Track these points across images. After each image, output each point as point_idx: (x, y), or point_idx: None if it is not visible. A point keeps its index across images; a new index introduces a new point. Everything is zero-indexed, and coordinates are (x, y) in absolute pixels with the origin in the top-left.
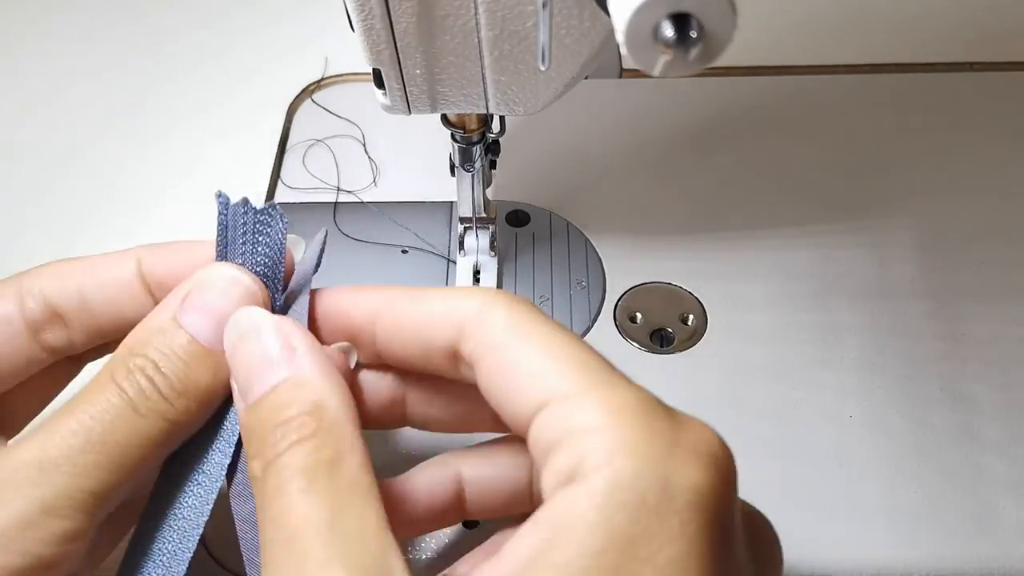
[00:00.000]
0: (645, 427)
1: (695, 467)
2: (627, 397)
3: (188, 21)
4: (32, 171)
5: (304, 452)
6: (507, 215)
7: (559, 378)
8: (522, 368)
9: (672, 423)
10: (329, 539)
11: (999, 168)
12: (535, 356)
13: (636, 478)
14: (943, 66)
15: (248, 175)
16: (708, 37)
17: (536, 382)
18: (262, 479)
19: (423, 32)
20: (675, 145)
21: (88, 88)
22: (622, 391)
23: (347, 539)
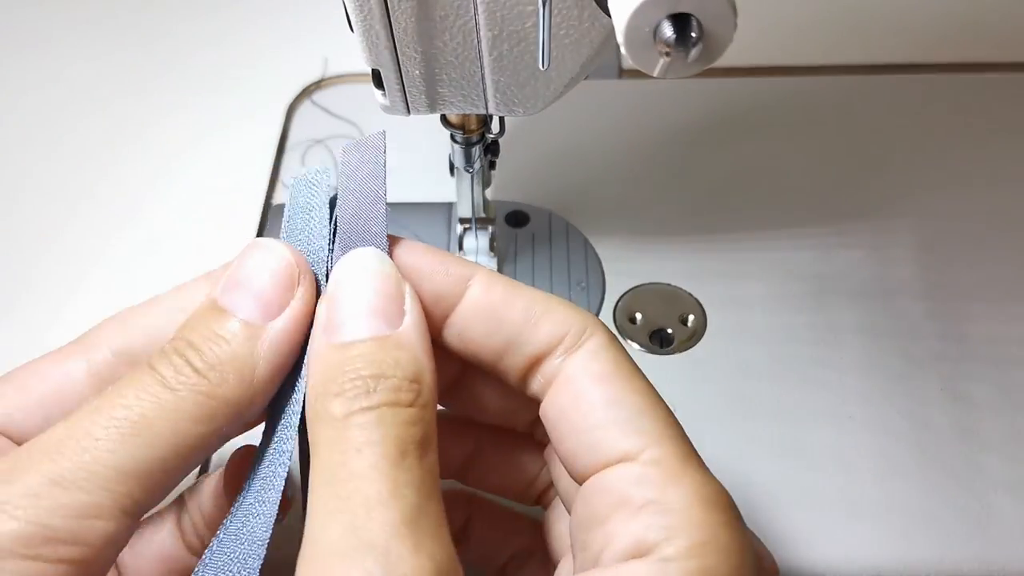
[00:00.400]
0: (733, 529)
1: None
2: (719, 492)
3: (187, 22)
4: (32, 171)
5: (400, 419)
6: (507, 215)
7: (648, 439)
8: (611, 411)
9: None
10: (414, 529)
11: (999, 168)
12: (626, 403)
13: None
14: (943, 67)
15: (247, 175)
16: (708, 38)
17: (622, 432)
18: (343, 423)
19: (422, 32)
20: (675, 146)
21: (87, 88)
22: (712, 484)
23: (431, 534)
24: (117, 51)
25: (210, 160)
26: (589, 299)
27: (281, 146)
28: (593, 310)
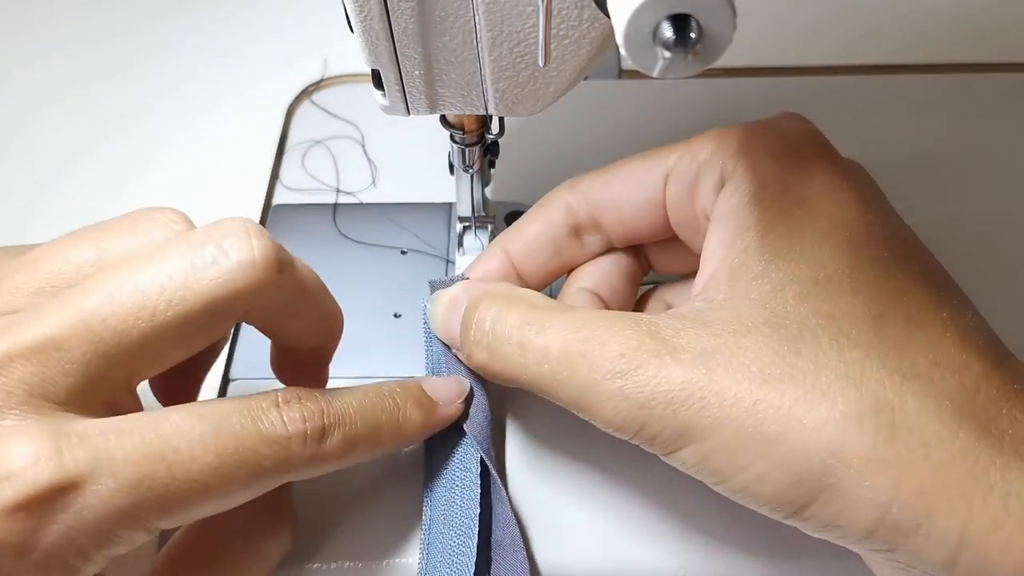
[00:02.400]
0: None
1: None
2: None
3: (186, 22)
4: (31, 172)
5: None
6: (506, 215)
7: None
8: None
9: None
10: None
11: (999, 168)
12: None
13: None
14: (943, 67)
15: (247, 176)
16: (708, 38)
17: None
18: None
19: (422, 33)
20: None
21: (86, 89)
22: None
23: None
24: (117, 51)
25: (210, 160)
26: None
27: (281, 146)
28: None
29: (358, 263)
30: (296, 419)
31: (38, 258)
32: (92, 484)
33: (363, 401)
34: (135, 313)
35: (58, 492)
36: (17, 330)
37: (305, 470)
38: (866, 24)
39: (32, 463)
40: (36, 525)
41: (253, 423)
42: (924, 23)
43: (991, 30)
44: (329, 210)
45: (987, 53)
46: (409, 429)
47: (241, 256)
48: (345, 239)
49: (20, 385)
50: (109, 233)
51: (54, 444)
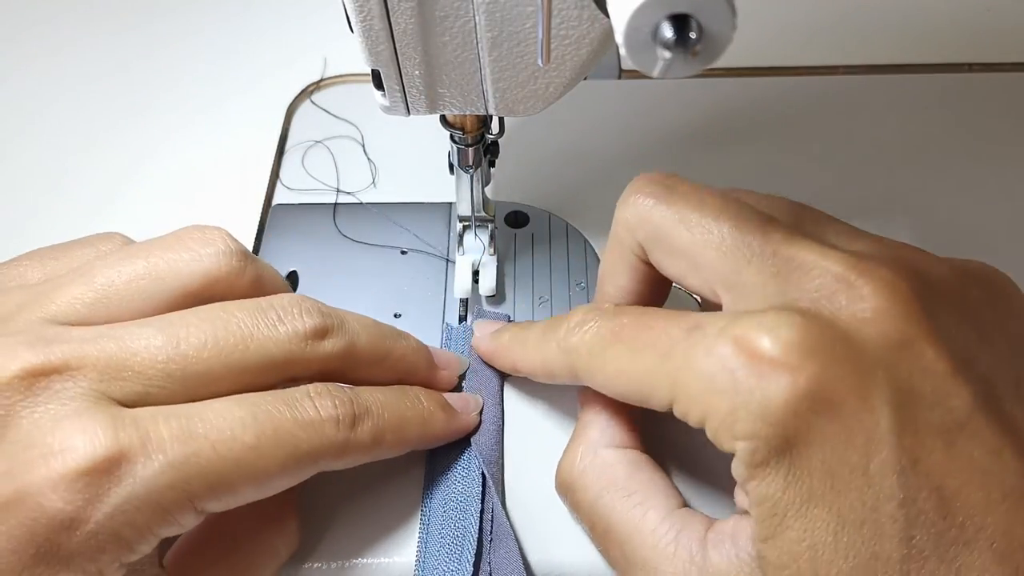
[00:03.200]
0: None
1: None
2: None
3: (186, 23)
4: (32, 171)
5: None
6: (506, 216)
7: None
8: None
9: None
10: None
11: (998, 169)
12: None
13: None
14: (942, 67)
15: (247, 176)
16: (707, 38)
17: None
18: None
19: (422, 33)
20: (674, 146)
21: (86, 90)
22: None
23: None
24: (117, 51)
25: (210, 160)
26: (589, 299)
27: (281, 146)
28: None
29: (358, 263)
30: (328, 406)
31: (91, 271)
32: (143, 459)
33: (389, 396)
34: (207, 349)
35: (111, 464)
36: (93, 341)
37: (338, 456)
38: (866, 24)
39: (88, 438)
40: (90, 497)
41: (288, 409)
42: (924, 23)
43: (991, 30)
44: (329, 210)
45: (987, 53)
46: (434, 427)
47: (296, 326)
48: (345, 239)
49: (87, 384)
50: (157, 249)
51: (109, 422)
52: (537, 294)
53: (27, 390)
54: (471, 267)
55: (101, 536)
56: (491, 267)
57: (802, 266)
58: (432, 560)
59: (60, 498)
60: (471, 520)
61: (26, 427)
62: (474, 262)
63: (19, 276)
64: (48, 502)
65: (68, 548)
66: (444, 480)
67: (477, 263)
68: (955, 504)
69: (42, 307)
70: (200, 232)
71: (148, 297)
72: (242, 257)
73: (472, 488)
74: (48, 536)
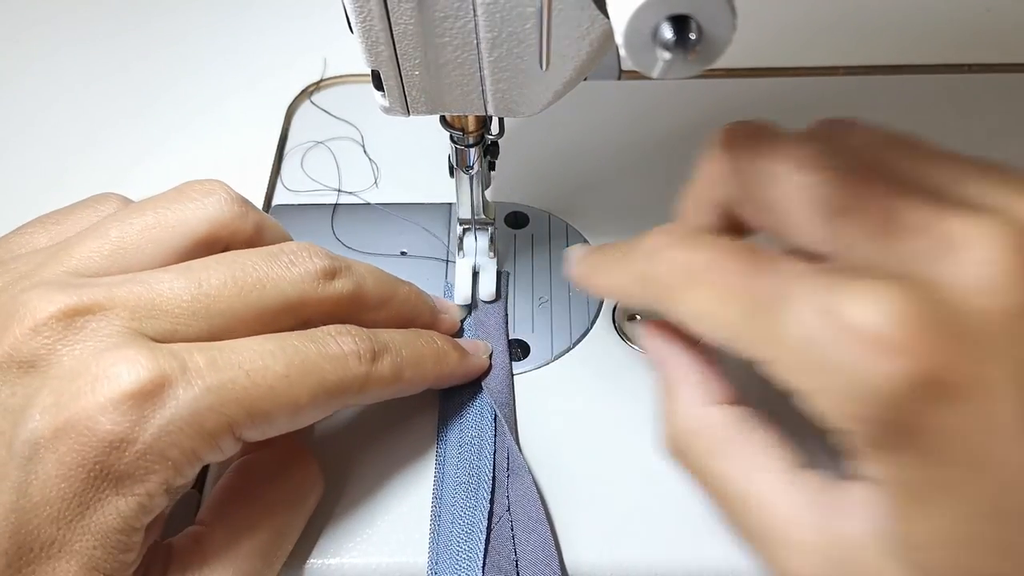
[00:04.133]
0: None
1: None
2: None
3: (186, 23)
4: (33, 170)
5: None
6: (506, 216)
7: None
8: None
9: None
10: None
11: None
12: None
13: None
14: (941, 67)
15: (247, 177)
16: (707, 39)
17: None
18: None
19: (422, 34)
20: (675, 146)
21: (86, 90)
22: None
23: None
24: (116, 52)
25: (210, 161)
26: (588, 300)
27: (281, 147)
28: (593, 310)
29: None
30: (348, 342)
31: (103, 226)
32: (184, 384)
33: (405, 335)
34: (228, 288)
35: (156, 387)
36: (120, 284)
37: (361, 389)
38: (866, 25)
39: (131, 366)
40: (137, 418)
41: (313, 343)
42: (924, 24)
43: (990, 31)
44: (329, 211)
45: (986, 54)
46: (450, 364)
47: (308, 267)
48: (345, 240)
49: (119, 320)
50: (163, 201)
51: (148, 352)
52: (537, 294)
53: (65, 329)
54: (471, 269)
55: (149, 456)
56: (491, 270)
57: (908, 226)
58: (449, 498)
59: (109, 420)
60: (486, 457)
61: (68, 363)
62: (474, 264)
63: (27, 243)
64: (98, 424)
65: (118, 469)
66: (457, 423)
67: (476, 265)
68: None
69: (62, 263)
70: (200, 184)
71: (161, 246)
72: (243, 204)
73: (485, 429)
74: (98, 458)
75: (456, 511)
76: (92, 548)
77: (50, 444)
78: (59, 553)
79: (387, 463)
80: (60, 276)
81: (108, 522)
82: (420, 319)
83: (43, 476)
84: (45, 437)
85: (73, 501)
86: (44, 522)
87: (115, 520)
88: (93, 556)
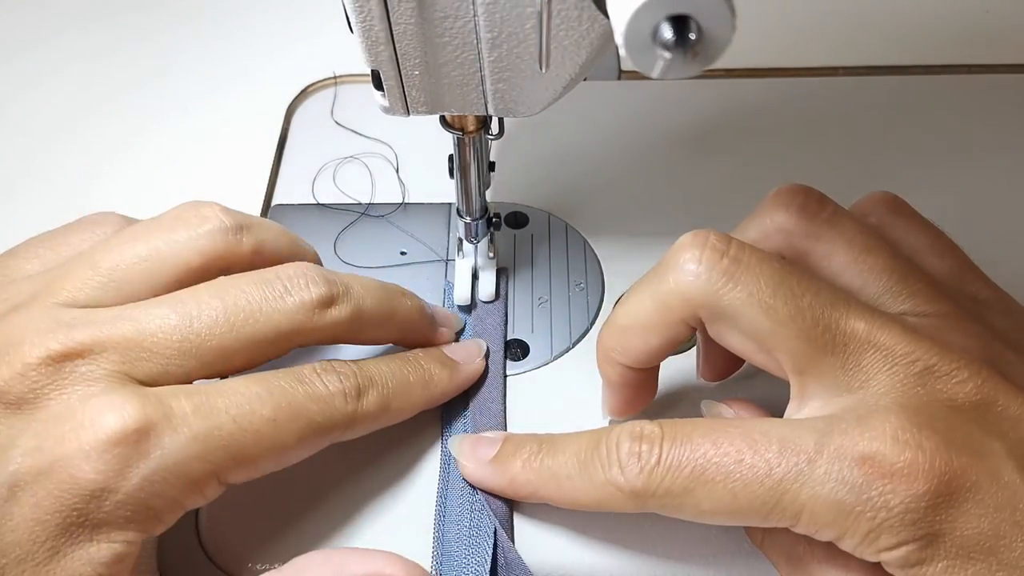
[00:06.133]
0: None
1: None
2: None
3: (187, 22)
4: (30, 171)
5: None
6: (506, 216)
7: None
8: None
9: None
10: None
11: (997, 170)
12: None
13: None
14: (941, 68)
15: (246, 177)
16: (707, 39)
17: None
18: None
19: (422, 34)
20: (674, 147)
21: (87, 90)
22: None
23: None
24: (116, 52)
25: (210, 161)
26: (588, 300)
27: (281, 146)
28: (592, 311)
29: (358, 264)
30: (334, 380)
31: (94, 257)
32: (170, 432)
33: (390, 364)
34: (219, 324)
35: (140, 436)
36: (110, 323)
37: (348, 427)
38: (866, 26)
39: (117, 413)
40: (120, 467)
41: (299, 384)
42: (923, 25)
43: (990, 32)
44: (329, 211)
45: (986, 54)
46: (438, 385)
47: (303, 296)
48: (345, 240)
49: (108, 364)
50: (156, 230)
51: (135, 399)
52: (537, 295)
53: (55, 374)
54: (470, 269)
55: (129, 506)
56: (490, 271)
57: (889, 354)
58: (454, 500)
59: (92, 468)
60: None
61: (55, 407)
62: (473, 264)
63: (18, 268)
64: (80, 472)
65: (96, 518)
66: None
67: (476, 265)
68: None
69: (54, 294)
70: (195, 209)
71: (152, 277)
72: (238, 230)
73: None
74: (77, 506)
75: (462, 511)
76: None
77: (29, 487)
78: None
79: (387, 462)
80: (51, 311)
81: (76, 568)
82: (417, 334)
83: (18, 518)
84: (25, 480)
85: (44, 544)
86: (11, 563)
87: (84, 567)
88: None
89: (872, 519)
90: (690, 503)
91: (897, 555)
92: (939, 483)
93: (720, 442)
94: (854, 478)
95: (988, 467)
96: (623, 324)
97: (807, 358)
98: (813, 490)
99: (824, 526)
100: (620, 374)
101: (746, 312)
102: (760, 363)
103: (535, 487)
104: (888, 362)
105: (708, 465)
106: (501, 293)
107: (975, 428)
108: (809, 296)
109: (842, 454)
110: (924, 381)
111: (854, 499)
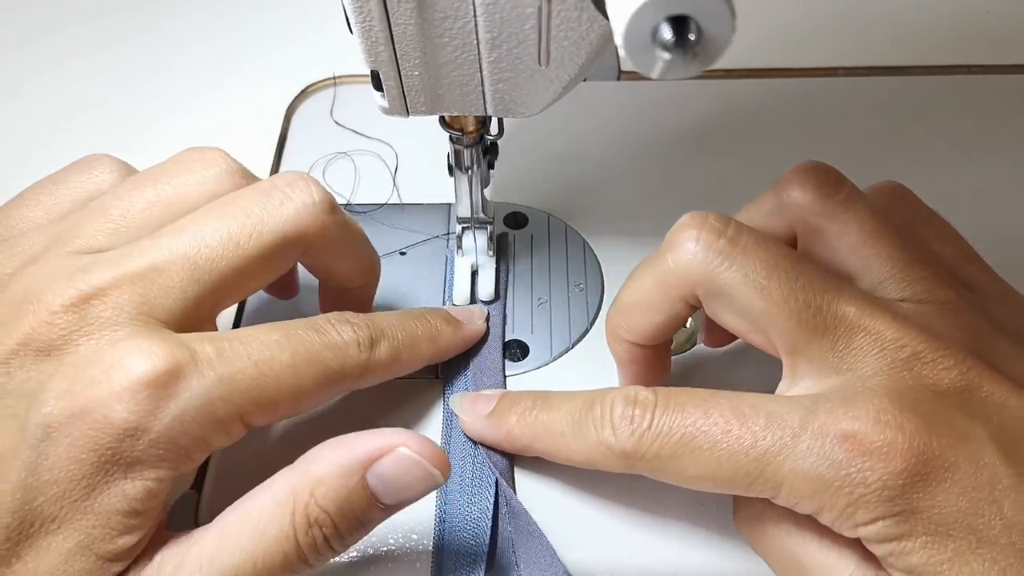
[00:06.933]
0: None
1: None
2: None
3: (187, 22)
4: (30, 170)
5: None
6: (505, 217)
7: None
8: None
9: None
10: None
11: (997, 170)
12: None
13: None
14: (941, 69)
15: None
16: (707, 40)
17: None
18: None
19: (422, 34)
20: (674, 147)
21: (84, 88)
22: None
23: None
24: (116, 52)
25: None
26: (587, 300)
27: (281, 146)
28: (592, 311)
29: None
30: (347, 331)
31: (104, 204)
32: (195, 374)
33: (399, 318)
34: (224, 244)
35: (170, 377)
36: (122, 261)
37: (361, 375)
38: (866, 26)
39: (146, 356)
40: (150, 408)
41: (316, 332)
42: (923, 25)
43: (990, 32)
44: None
45: (986, 55)
46: (444, 340)
47: (304, 198)
48: None
49: (129, 304)
50: (163, 175)
51: (162, 342)
52: (536, 295)
53: (80, 320)
54: (470, 269)
55: (162, 444)
56: (489, 269)
57: (878, 339)
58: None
59: (125, 408)
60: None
61: (83, 351)
62: (473, 264)
63: (23, 217)
64: (113, 413)
65: (130, 456)
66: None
67: (475, 265)
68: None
69: (67, 243)
70: (200, 154)
71: (164, 222)
72: (244, 175)
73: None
74: (111, 445)
75: (464, 464)
76: (91, 527)
77: (63, 428)
78: (58, 530)
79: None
80: (66, 259)
81: (112, 504)
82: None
83: (54, 457)
84: (59, 421)
85: (81, 482)
86: (49, 500)
87: (119, 502)
88: (91, 535)
89: (850, 494)
90: (677, 468)
91: (873, 530)
92: (916, 462)
93: (711, 412)
94: (835, 455)
95: (968, 449)
96: (627, 302)
97: (799, 339)
98: (795, 464)
99: (803, 499)
100: (628, 351)
101: (741, 292)
102: (754, 342)
103: (529, 440)
104: (876, 346)
105: (697, 433)
106: (501, 293)
107: (958, 413)
108: (803, 279)
109: (825, 431)
110: (911, 366)
111: (833, 474)
